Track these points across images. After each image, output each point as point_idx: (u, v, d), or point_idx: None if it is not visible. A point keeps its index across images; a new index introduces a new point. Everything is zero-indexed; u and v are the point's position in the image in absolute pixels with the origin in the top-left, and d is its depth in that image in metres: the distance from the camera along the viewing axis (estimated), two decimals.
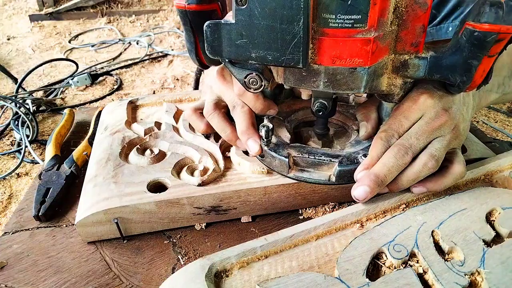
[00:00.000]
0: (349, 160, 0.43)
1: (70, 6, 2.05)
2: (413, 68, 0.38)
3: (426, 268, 0.34)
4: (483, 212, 0.39)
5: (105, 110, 0.62)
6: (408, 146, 0.40)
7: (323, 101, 0.42)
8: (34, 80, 1.32)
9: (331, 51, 0.34)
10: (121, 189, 0.44)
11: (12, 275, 0.41)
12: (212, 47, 0.37)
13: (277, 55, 0.34)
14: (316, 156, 0.43)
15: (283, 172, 0.44)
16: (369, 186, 0.38)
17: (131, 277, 0.40)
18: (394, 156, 0.39)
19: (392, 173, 0.39)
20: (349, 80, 0.36)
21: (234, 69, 0.40)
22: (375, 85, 0.38)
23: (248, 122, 0.46)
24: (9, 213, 0.67)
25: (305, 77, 0.37)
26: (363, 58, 0.34)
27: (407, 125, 0.41)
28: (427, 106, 0.41)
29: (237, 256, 0.35)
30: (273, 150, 0.44)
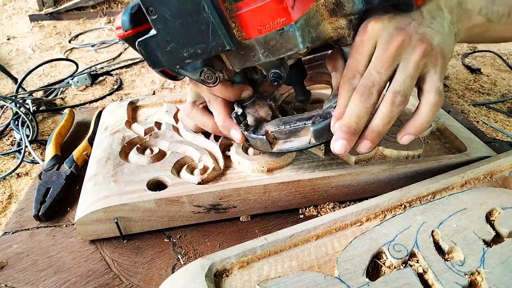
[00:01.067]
0: (321, 117, 0.42)
1: (70, 6, 2.05)
2: (348, 3, 0.37)
3: (426, 268, 0.34)
4: (483, 212, 0.39)
5: (105, 111, 0.62)
6: (370, 85, 0.37)
7: (275, 70, 0.41)
8: (34, 80, 1.32)
9: (252, 22, 0.34)
10: (121, 187, 0.44)
11: (12, 275, 0.41)
12: (152, 61, 0.37)
13: (204, 46, 0.35)
14: (291, 124, 0.43)
15: (268, 149, 0.45)
16: (344, 139, 0.37)
17: (131, 277, 0.40)
18: (359, 100, 0.37)
19: (362, 118, 0.37)
20: (283, 42, 0.35)
21: (186, 72, 0.40)
22: (316, 35, 0.37)
23: (224, 114, 0.46)
24: (9, 213, 0.67)
25: (244, 56, 0.37)
26: (285, 16, 0.33)
27: (364, 60, 0.39)
28: (377, 31, 0.38)
29: (237, 256, 0.35)
30: (252, 132, 0.45)
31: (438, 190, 0.43)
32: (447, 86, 1.07)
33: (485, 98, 1.01)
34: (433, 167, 0.49)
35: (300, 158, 0.49)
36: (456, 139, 0.53)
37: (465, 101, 0.99)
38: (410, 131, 0.39)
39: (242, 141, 0.46)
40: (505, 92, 1.04)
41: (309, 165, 0.48)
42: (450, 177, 0.44)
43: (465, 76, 1.18)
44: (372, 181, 0.48)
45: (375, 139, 0.38)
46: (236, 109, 0.45)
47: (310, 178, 0.46)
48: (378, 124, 0.38)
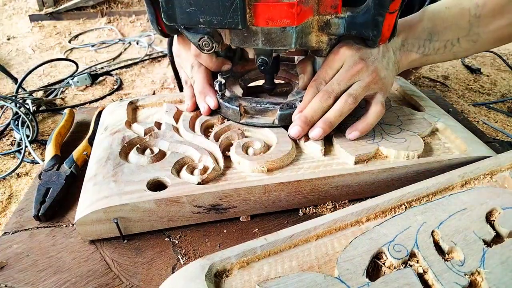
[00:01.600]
0: (288, 106, 0.52)
1: (70, 6, 2.05)
2: (334, 26, 0.46)
3: (426, 268, 0.34)
4: (483, 212, 0.39)
5: (105, 111, 0.62)
6: (330, 91, 0.49)
7: (264, 57, 0.49)
8: (34, 80, 1.32)
9: (265, 14, 0.41)
10: (121, 187, 0.44)
11: (12, 275, 0.41)
12: (168, 15, 0.43)
13: (220, 19, 0.41)
14: (262, 104, 0.53)
15: (236, 119, 0.54)
16: (299, 126, 0.48)
17: (131, 277, 0.40)
18: (319, 100, 0.49)
19: (317, 114, 0.49)
20: (281, 38, 0.44)
21: (188, 34, 0.48)
22: (304, 41, 0.46)
23: (204, 80, 0.55)
24: (9, 213, 0.67)
25: (246, 38, 0.45)
26: (291, 19, 0.41)
27: (331, 73, 0.50)
28: (346, 56, 0.49)
29: (237, 256, 0.35)
30: (227, 101, 0.53)
31: (438, 190, 0.43)
32: (447, 86, 1.07)
33: (485, 98, 1.01)
34: (433, 167, 0.49)
35: (300, 158, 0.49)
36: (456, 139, 0.53)
37: (465, 101, 0.99)
38: (358, 128, 0.50)
39: (215, 107, 0.54)
40: (505, 92, 1.04)
41: (309, 165, 0.48)
42: (450, 177, 0.44)
43: (465, 76, 1.18)
44: (372, 181, 0.48)
45: (326, 128, 0.48)
46: (219, 78, 0.54)
47: (310, 178, 0.46)
48: (330, 116, 0.48)
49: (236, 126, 0.55)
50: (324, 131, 0.48)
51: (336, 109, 0.48)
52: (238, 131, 0.54)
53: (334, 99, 0.49)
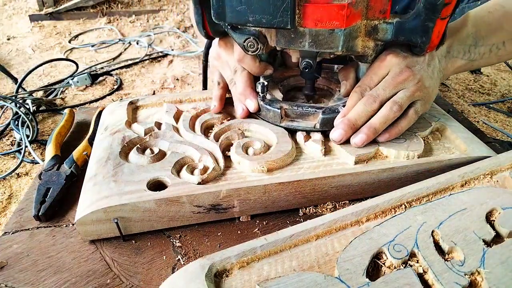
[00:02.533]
0: (331, 110, 0.51)
1: (70, 6, 2.05)
2: (382, 32, 0.46)
3: (426, 268, 0.34)
4: (483, 212, 0.39)
5: (105, 111, 0.62)
6: (376, 96, 0.48)
7: (309, 60, 0.49)
8: (34, 80, 1.32)
9: (314, 15, 0.41)
10: (121, 187, 0.44)
11: (12, 275, 0.41)
12: (217, 13, 0.44)
13: (270, 18, 0.41)
14: (303, 108, 0.52)
15: (276, 122, 0.53)
16: (343, 129, 0.47)
17: (131, 277, 0.40)
18: (364, 104, 0.48)
19: (361, 118, 0.48)
20: (329, 40, 0.44)
21: (234, 34, 0.48)
22: (351, 45, 0.46)
23: (247, 84, 0.55)
24: (9, 213, 0.67)
25: (293, 39, 0.45)
26: (340, 21, 0.41)
27: (377, 80, 0.50)
28: (393, 63, 0.49)
29: (237, 256, 0.35)
30: (268, 104, 0.53)
31: (438, 190, 0.43)
32: (447, 86, 1.07)
33: (485, 98, 1.01)
34: (433, 167, 0.49)
35: (300, 158, 0.49)
36: (456, 139, 0.53)
37: (465, 101, 0.99)
38: (388, 130, 0.49)
39: (255, 110, 0.54)
40: (505, 92, 1.04)
41: (309, 165, 0.48)
42: (450, 177, 0.44)
43: (465, 76, 1.18)
44: (372, 181, 0.48)
45: (370, 134, 0.48)
46: (262, 80, 0.53)
47: (310, 178, 0.46)
48: (375, 122, 0.48)
49: (236, 126, 0.55)
50: (368, 137, 0.47)
51: (381, 116, 0.48)
52: (238, 131, 0.54)
53: (379, 104, 0.48)
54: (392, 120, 0.48)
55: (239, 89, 0.55)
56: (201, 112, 0.58)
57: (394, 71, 0.49)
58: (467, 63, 0.56)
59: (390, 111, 0.47)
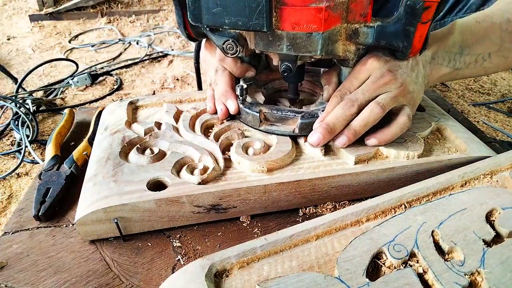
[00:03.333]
0: (310, 115, 0.51)
1: (70, 6, 2.05)
2: (363, 36, 0.45)
3: (426, 268, 0.34)
4: (483, 212, 0.39)
5: (105, 111, 0.62)
6: (354, 100, 0.47)
7: (288, 63, 0.48)
8: (34, 80, 1.32)
9: (291, 18, 0.41)
10: (120, 187, 0.44)
11: (12, 275, 0.41)
12: (194, 15, 0.43)
13: (246, 20, 0.41)
14: (283, 112, 0.52)
15: (255, 125, 0.52)
16: (320, 133, 0.46)
17: (131, 277, 0.40)
18: (342, 108, 0.47)
19: (339, 122, 0.47)
20: (307, 43, 0.43)
21: (213, 36, 0.48)
22: (331, 49, 0.45)
23: (227, 84, 0.54)
24: (9, 213, 0.67)
25: (271, 42, 0.44)
26: (317, 24, 0.41)
27: (357, 84, 0.49)
28: (374, 67, 0.48)
29: (237, 256, 0.35)
30: (248, 107, 0.52)
31: (438, 190, 0.43)
32: (447, 86, 1.07)
33: (485, 98, 1.01)
34: (433, 167, 0.49)
35: (300, 158, 0.49)
36: (456, 139, 0.53)
37: (465, 101, 0.99)
38: (378, 137, 0.48)
39: (235, 112, 0.53)
40: (505, 92, 1.04)
41: (309, 165, 0.48)
42: (450, 177, 0.44)
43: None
44: (372, 181, 0.48)
45: (351, 137, 0.47)
46: (242, 83, 0.53)
47: (310, 178, 0.46)
48: (356, 124, 0.47)
49: (236, 126, 0.55)
50: (348, 139, 0.47)
51: (362, 118, 0.47)
52: (238, 131, 0.54)
53: (358, 108, 0.47)
54: (373, 122, 0.47)
55: (220, 89, 0.54)
56: (201, 112, 0.58)
57: (375, 75, 0.48)
58: (452, 71, 0.55)
59: (371, 113, 0.46)
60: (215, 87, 0.56)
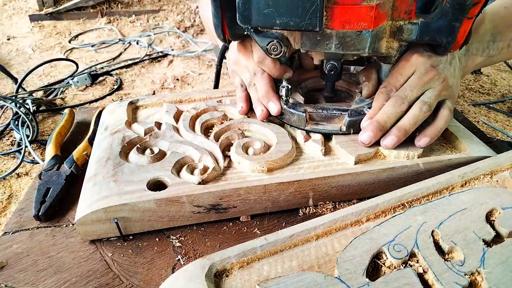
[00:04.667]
0: (356, 112, 0.50)
1: (70, 6, 2.05)
2: (407, 32, 0.45)
3: (426, 268, 0.34)
4: (483, 212, 0.39)
5: (105, 111, 0.62)
6: (404, 97, 0.47)
7: (334, 62, 0.49)
8: (34, 80, 1.32)
9: (341, 17, 0.41)
10: (120, 187, 0.44)
11: (12, 275, 0.41)
12: (243, 17, 0.43)
13: (298, 21, 0.41)
14: (328, 110, 0.51)
15: (301, 126, 0.52)
16: (372, 131, 0.46)
17: (131, 277, 0.40)
18: (392, 105, 0.47)
19: (391, 119, 0.47)
20: (356, 42, 0.43)
21: (257, 37, 0.48)
22: (376, 47, 0.45)
23: (268, 86, 0.53)
24: (9, 213, 0.67)
25: (319, 41, 0.44)
26: (368, 22, 0.41)
27: (403, 80, 0.49)
28: (418, 63, 0.48)
29: (237, 256, 0.35)
30: (292, 107, 0.52)
31: (438, 190, 0.43)
32: None
33: (485, 98, 1.01)
34: (433, 167, 0.49)
35: (300, 158, 0.49)
36: (456, 139, 0.53)
37: (465, 101, 1.00)
38: (429, 135, 0.48)
39: (278, 113, 0.52)
40: (505, 92, 1.04)
41: (309, 165, 0.48)
42: (450, 177, 0.44)
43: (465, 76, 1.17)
44: (372, 181, 0.48)
45: (401, 136, 0.47)
46: (285, 84, 0.52)
47: (310, 178, 0.46)
48: (405, 123, 0.47)
49: (236, 126, 0.55)
50: (398, 139, 0.47)
51: (411, 116, 0.47)
52: (238, 131, 0.54)
53: (407, 105, 0.47)
54: (421, 120, 0.47)
55: (261, 91, 0.53)
56: (201, 112, 0.58)
57: (420, 71, 0.48)
58: (486, 59, 0.56)
59: (420, 112, 0.47)
60: (252, 89, 0.56)
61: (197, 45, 1.65)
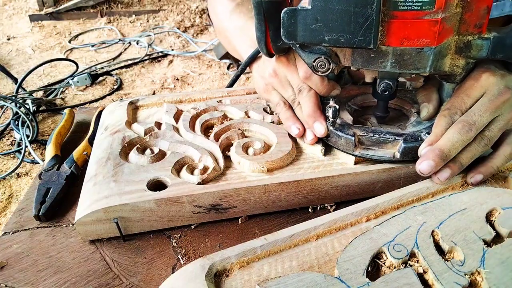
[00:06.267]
0: (413, 137, 0.45)
1: (70, 6, 2.05)
2: (476, 49, 0.40)
3: (426, 268, 0.34)
4: (483, 212, 0.39)
5: (105, 111, 0.62)
6: (472, 123, 0.41)
7: (389, 81, 0.44)
8: (34, 80, 1.32)
9: (400, 32, 0.37)
10: (121, 187, 0.44)
11: (12, 275, 0.41)
12: (288, 32, 0.40)
13: (350, 37, 0.37)
14: (380, 134, 0.46)
15: (349, 150, 0.47)
16: (433, 160, 0.40)
17: (131, 277, 0.40)
18: (458, 132, 0.40)
19: (456, 148, 0.40)
20: (415, 60, 0.39)
21: (303, 54, 0.44)
22: (439, 65, 0.40)
23: (315, 105, 0.49)
24: (9, 213, 0.67)
25: (373, 58, 0.40)
26: (430, 38, 0.36)
27: (470, 102, 0.43)
28: (490, 83, 0.42)
29: (237, 256, 0.35)
30: (339, 130, 0.47)
31: (438, 190, 0.43)
32: None
33: None
34: None
35: (300, 158, 0.49)
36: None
37: None
38: (482, 172, 0.43)
39: (324, 135, 0.48)
40: None
41: (309, 165, 0.48)
42: None
43: None
44: (372, 181, 0.48)
45: (456, 171, 0.42)
46: (332, 104, 0.47)
47: (310, 178, 0.46)
48: (462, 156, 0.41)
49: (236, 126, 0.55)
50: (453, 173, 0.41)
51: (470, 150, 0.41)
52: (238, 131, 0.54)
53: (475, 132, 0.41)
54: (479, 154, 0.42)
55: (307, 110, 0.49)
56: (201, 112, 0.58)
57: (492, 92, 0.42)
58: None
59: (478, 146, 0.41)
60: (297, 108, 0.51)
61: (197, 45, 1.65)
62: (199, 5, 2.18)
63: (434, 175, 0.42)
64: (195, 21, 1.97)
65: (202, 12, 2.09)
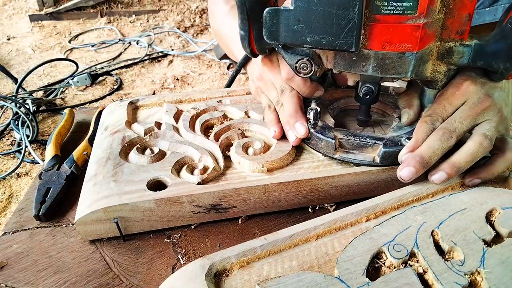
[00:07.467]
0: (393, 142, 0.45)
1: (70, 6, 2.05)
2: (457, 55, 0.40)
3: (426, 268, 0.34)
4: (483, 212, 0.39)
5: (105, 111, 0.62)
6: (452, 130, 0.41)
7: (370, 85, 0.44)
8: (34, 80, 1.32)
9: (382, 36, 0.36)
10: (120, 187, 0.44)
11: (12, 274, 0.41)
12: (270, 32, 0.39)
13: (331, 39, 0.37)
14: (361, 138, 0.46)
15: (329, 153, 0.47)
16: (414, 167, 0.40)
17: (131, 277, 0.40)
18: (439, 139, 0.41)
19: (436, 155, 0.41)
20: (397, 64, 0.38)
21: (286, 55, 0.44)
22: (420, 70, 0.40)
23: (296, 105, 0.49)
24: (9, 213, 0.67)
25: (355, 62, 0.40)
26: (412, 43, 0.36)
27: (451, 110, 0.43)
28: (470, 92, 0.42)
29: (237, 256, 0.35)
30: (320, 132, 0.47)
31: (438, 190, 0.43)
32: None
33: None
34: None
35: (300, 158, 0.49)
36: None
37: None
38: (481, 176, 0.43)
39: (304, 136, 0.47)
40: None
41: (309, 165, 0.48)
42: None
43: None
44: (372, 181, 0.48)
45: (453, 174, 0.41)
46: (314, 106, 0.46)
47: (310, 178, 0.46)
48: (459, 160, 0.41)
49: (236, 126, 0.55)
50: (449, 176, 0.41)
51: (469, 153, 0.41)
52: (238, 131, 0.54)
53: (456, 139, 0.41)
54: (480, 156, 0.41)
55: (289, 111, 0.48)
56: (201, 112, 0.58)
57: (472, 100, 0.42)
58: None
59: (480, 147, 0.40)
60: (280, 109, 0.51)
61: (197, 45, 1.65)
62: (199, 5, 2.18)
63: (430, 178, 0.42)
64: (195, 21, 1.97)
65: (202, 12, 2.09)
